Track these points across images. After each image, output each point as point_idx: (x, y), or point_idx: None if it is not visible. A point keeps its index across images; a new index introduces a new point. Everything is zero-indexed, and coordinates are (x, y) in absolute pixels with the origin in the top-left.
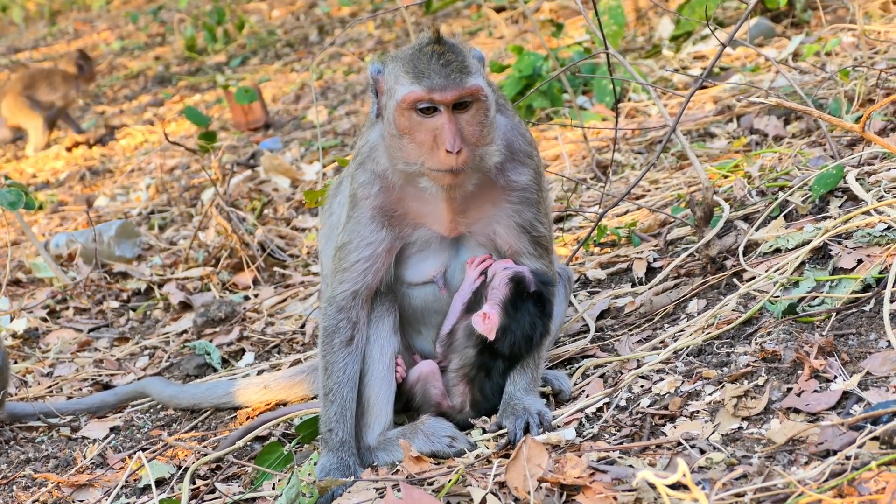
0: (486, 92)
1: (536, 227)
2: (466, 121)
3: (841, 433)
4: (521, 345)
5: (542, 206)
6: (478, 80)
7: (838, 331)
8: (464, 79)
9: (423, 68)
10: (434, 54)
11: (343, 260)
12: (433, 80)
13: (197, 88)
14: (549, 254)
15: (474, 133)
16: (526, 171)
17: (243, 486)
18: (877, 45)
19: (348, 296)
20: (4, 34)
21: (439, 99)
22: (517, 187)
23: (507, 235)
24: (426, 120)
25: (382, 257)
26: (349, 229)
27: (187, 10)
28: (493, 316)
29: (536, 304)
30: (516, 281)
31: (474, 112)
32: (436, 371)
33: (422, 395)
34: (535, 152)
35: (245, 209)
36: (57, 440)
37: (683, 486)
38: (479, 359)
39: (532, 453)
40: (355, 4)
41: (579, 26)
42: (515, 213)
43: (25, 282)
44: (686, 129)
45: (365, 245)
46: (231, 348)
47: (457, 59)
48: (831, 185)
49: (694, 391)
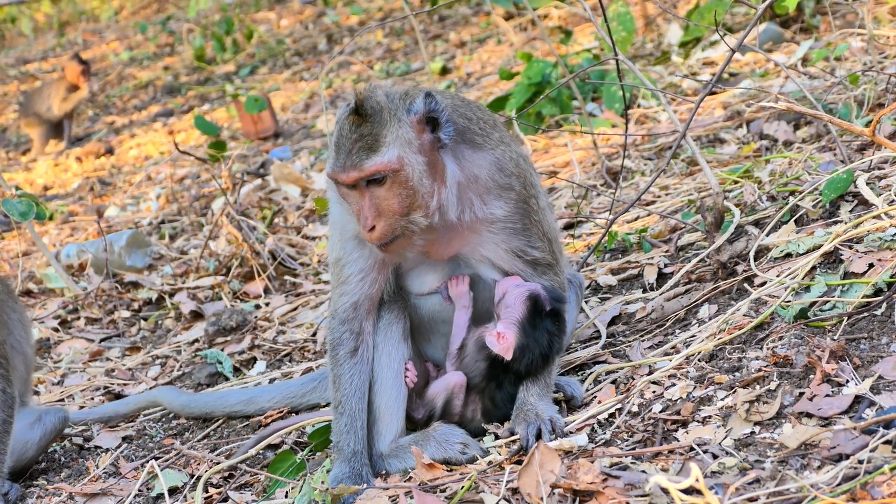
0: (399, 165)
1: (529, 252)
2: (382, 196)
3: (853, 437)
4: (539, 363)
5: (534, 230)
6: (387, 155)
7: (850, 335)
8: (366, 160)
9: (339, 143)
10: (350, 128)
11: (339, 274)
12: (339, 160)
13: (206, 98)
14: (554, 267)
15: (391, 206)
16: (502, 204)
17: (256, 494)
18: (886, 50)
19: (349, 308)
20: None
21: (343, 180)
22: (495, 219)
23: (501, 261)
24: (350, 192)
25: (376, 269)
26: (340, 245)
27: (196, 20)
28: (510, 336)
29: (553, 322)
30: (532, 300)
31: (389, 185)
32: (464, 384)
33: (444, 405)
34: (518, 180)
35: (255, 218)
36: (69, 450)
37: (697, 490)
38: (490, 372)
39: (545, 459)
40: (364, 13)
41: (588, 33)
42: (502, 242)
43: (37, 292)
44: (696, 134)
45: (355, 259)
46: (242, 357)
47: (370, 133)
48: (842, 189)
49: (706, 396)
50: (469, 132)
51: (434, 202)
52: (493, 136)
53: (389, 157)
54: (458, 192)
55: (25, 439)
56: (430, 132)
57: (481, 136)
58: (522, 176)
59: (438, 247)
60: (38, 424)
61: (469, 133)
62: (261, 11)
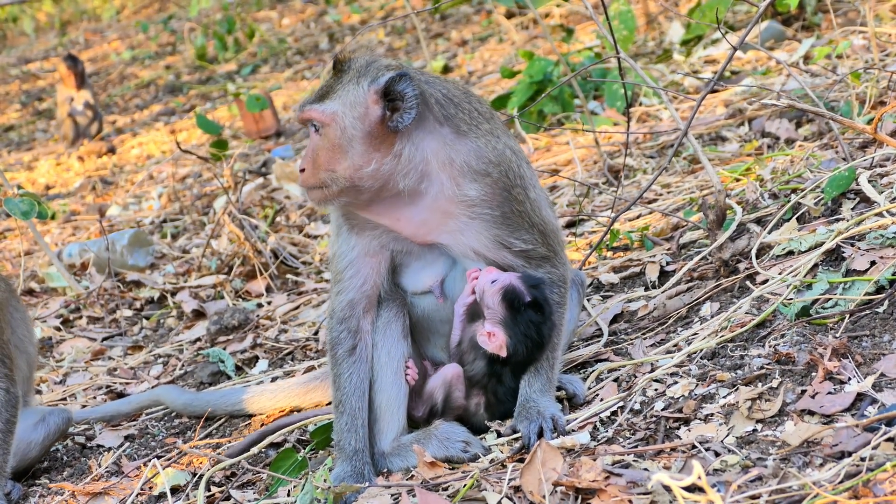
0: (329, 120)
1: (514, 244)
2: (317, 144)
3: (855, 434)
4: (534, 352)
5: (518, 221)
6: (325, 108)
7: (852, 332)
8: (309, 105)
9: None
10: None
11: (335, 271)
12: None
13: (208, 97)
14: (551, 260)
15: (319, 156)
16: (477, 186)
17: (258, 492)
18: (888, 48)
19: (346, 306)
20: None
21: (296, 118)
22: (470, 201)
23: (487, 251)
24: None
25: (368, 263)
26: (335, 240)
27: (197, 19)
28: (499, 333)
29: (536, 311)
30: (508, 297)
31: (321, 137)
32: (461, 375)
33: (444, 399)
34: (497, 170)
35: (257, 217)
36: (72, 449)
37: (699, 488)
38: (490, 368)
39: (547, 457)
40: (365, 12)
41: (590, 31)
42: (483, 230)
43: (39, 291)
44: (698, 132)
45: (345, 253)
46: (245, 356)
47: (328, 86)
48: (844, 187)
49: (708, 394)
50: (456, 119)
51: (368, 168)
52: (482, 127)
53: (324, 110)
54: (421, 168)
55: (29, 440)
56: (383, 107)
57: (468, 125)
58: (504, 165)
59: (409, 224)
60: (41, 425)
61: (456, 120)
62: (262, 10)
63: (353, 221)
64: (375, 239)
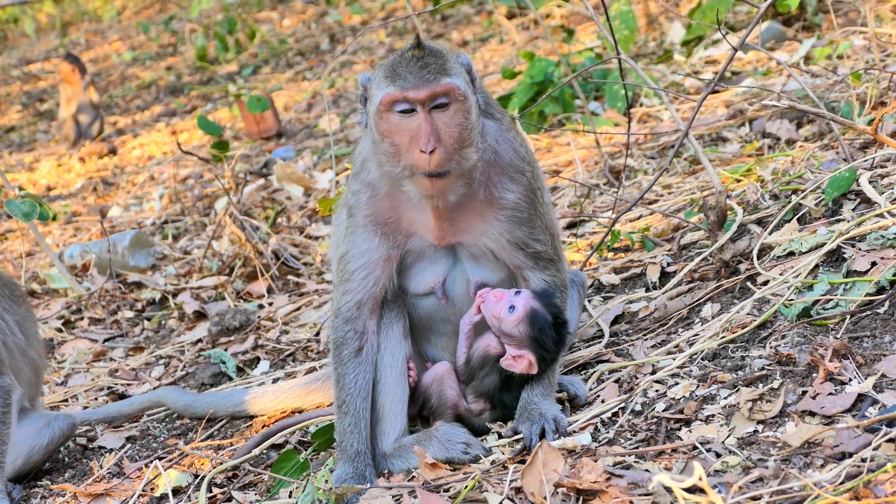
0: (465, 93)
1: (531, 245)
2: (444, 121)
3: (856, 435)
4: (550, 362)
5: (538, 221)
6: (456, 80)
7: (853, 333)
8: (439, 78)
9: (400, 71)
10: (413, 58)
11: (344, 271)
12: (408, 80)
13: (209, 98)
14: (556, 263)
15: (451, 134)
16: (515, 187)
17: (260, 494)
18: (888, 48)
19: (353, 307)
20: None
21: (413, 97)
22: (506, 205)
23: (502, 251)
24: (404, 121)
25: (380, 265)
26: (347, 240)
27: (198, 19)
28: (526, 354)
29: (558, 326)
30: (534, 323)
31: (452, 113)
32: (451, 371)
33: (437, 396)
34: (529, 168)
35: (258, 218)
36: (73, 450)
37: (700, 489)
38: (503, 381)
39: (548, 458)
40: (366, 13)
41: (590, 32)
42: (506, 231)
43: (40, 292)
44: (698, 133)
45: (361, 254)
46: (246, 357)
47: (436, 62)
48: (844, 187)
49: (709, 395)
50: (491, 107)
51: (479, 154)
52: (506, 120)
53: (458, 83)
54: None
55: (33, 443)
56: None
57: (500, 116)
58: (533, 164)
59: (445, 224)
60: (46, 429)
61: (491, 108)
62: (263, 11)
63: (374, 222)
64: (393, 240)
